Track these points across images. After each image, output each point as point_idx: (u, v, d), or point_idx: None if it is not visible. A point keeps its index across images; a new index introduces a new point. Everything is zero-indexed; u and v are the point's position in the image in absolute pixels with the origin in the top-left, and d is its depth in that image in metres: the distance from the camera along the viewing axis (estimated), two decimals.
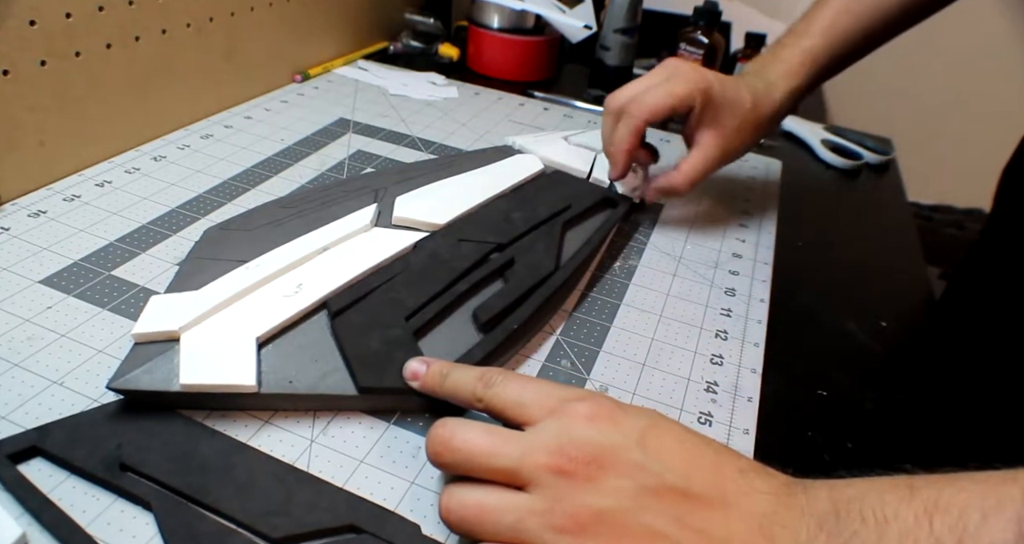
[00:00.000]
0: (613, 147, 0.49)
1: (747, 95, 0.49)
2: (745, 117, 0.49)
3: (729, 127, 0.49)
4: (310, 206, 0.46)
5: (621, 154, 0.49)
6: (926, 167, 1.05)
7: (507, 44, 0.80)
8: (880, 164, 0.72)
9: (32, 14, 0.45)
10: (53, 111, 0.48)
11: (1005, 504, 0.22)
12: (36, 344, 0.36)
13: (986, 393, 0.42)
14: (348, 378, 0.34)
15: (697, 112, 0.48)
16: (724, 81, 0.49)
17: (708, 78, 0.48)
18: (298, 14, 0.69)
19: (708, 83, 0.47)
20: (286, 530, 0.28)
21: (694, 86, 0.47)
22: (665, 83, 0.47)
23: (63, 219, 0.46)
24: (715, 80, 0.48)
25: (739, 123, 0.49)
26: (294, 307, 0.36)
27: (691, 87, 0.47)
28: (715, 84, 0.48)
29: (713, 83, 0.48)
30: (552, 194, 0.50)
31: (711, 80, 0.48)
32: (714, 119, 0.49)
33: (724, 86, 0.48)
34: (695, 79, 0.47)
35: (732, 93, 0.49)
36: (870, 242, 0.59)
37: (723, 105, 0.48)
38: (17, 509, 0.28)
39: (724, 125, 0.49)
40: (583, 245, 0.46)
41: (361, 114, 0.67)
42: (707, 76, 0.48)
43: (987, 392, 0.43)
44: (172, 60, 0.57)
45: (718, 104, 0.48)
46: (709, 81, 0.48)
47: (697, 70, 0.48)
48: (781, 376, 0.41)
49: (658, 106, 0.47)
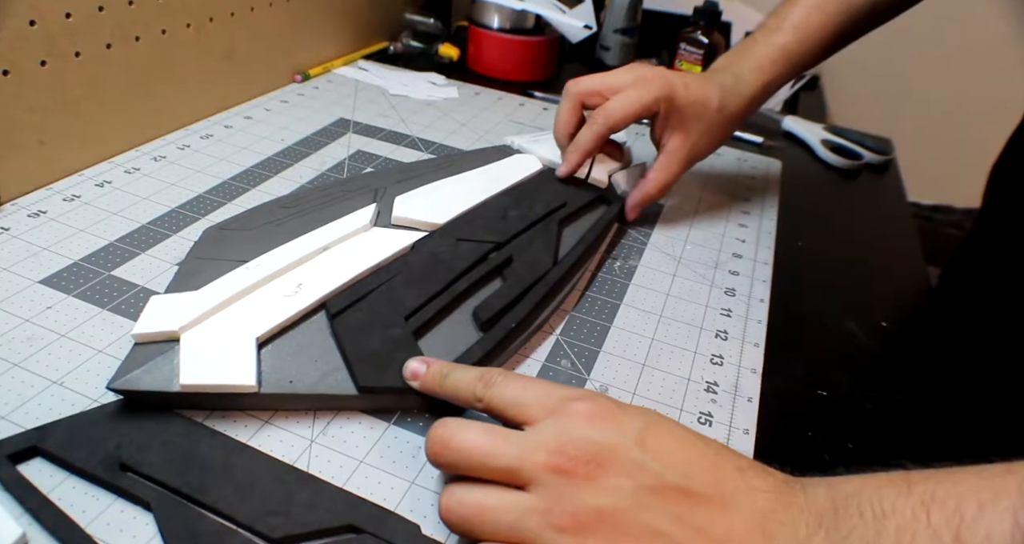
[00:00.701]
0: (573, 148, 0.50)
1: (714, 94, 0.50)
2: (712, 117, 0.50)
3: (695, 129, 0.50)
4: (309, 206, 0.46)
5: (578, 154, 0.50)
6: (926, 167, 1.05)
7: (507, 44, 0.80)
8: (880, 164, 0.72)
9: (32, 14, 0.45)
10: (53, 111, 0.48)
11: (1001, 495, 0.22)
12: (36, 344, 0.36)
13: (985, 392, 0.42)
14: (348, 378, 0.34)
15: (662, 117, 0.50)
16: (689, 83, 0.49)
17: (673, 82, 0.49)
18: (298, 14, 0.69)
19: (672, 88, 0.48)
20: (286, 530, 0.28)
21: (659, 92, 0.48)
22: (631, 89, 0.48)
23: (63, 219, 0.46)
24: (680, 83, 0.49)
25: (706, 124, 0.50)
26: (294, 307, 0.36)
27: (656, 94, 0.48)
28: (679, 88, 0.49)
29: (677, 87, 0.49)
30: (548, 192, 0.50)
31: (676, 84, 0.49)
32: (680, 122, 0.50)
33: (689, 88, 0.49)
34: (660, 85, 0.48)
35: (697, 94, 0.49)
36: (870, 242, 0.59)
37: (688, 108, 0.49)
38: (17, 509, 0.28)
39: (690, 128, 0.50)
40: (580, 242, 0.46)
41: (361, 114, 0.67)
42: (672, 80, 0.49)
43: (985, 391, 0.43)
44: (172, 60, 0.57)
45: (683, 107, 0.49)
46: (674, 86, 0.48)
47: (663, 75, 0.49)
48: (781, 376, 0.41)
49: (626, 114, 0.48)
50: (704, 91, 0.50)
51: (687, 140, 0.50)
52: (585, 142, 0.50)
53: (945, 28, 1.19)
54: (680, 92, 0.49)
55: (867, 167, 0.71)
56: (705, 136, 0.51)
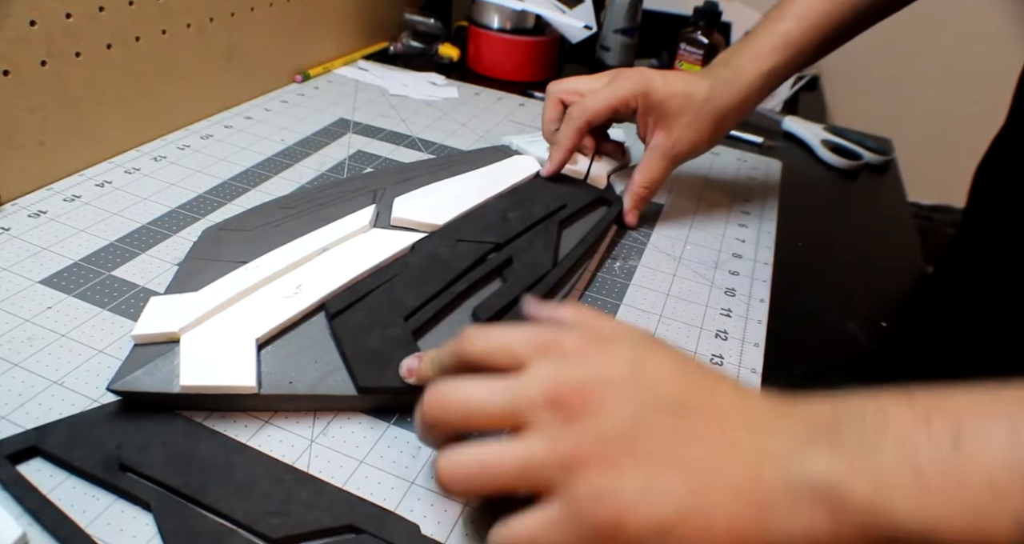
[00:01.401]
0: (555, 145, 0.51)
1: (701, 87, 0.49)
2: (698, 110, 0.49)
3: (678, 124, 0.50)
4: (308, 206, 0.46)
5: (560, 150, 0.51)
6: (926, 167, 1.05)
7: (507, 44, 0.80)
8: (880, 164, 0.72)
9: (32, 14, 0.45)
10: (53, 111, 0.48)
11: (1001, 407, 0.23)
12: (36, 344, 0.36)
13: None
14: (348, 378, 0.34)
15: (641, 112, 0.50)
16: (670, 78, 0.49)
17: (650, 77, 0.49)
18: (298, 14, 0.69)
19: (648, 83, 0.48)
20: (285, 530, 0.28)
21: (634, 87, 0.48)
22: (608, 86, 0.49)
23: (63, 219, 0.46)
24: (659, 79, 0.49)
25: (691, 117, 0.49)
26: (293, 308, 0.36)
27: (631, 89, 0.48)
28: (657, 83, 0.49)
29: (655, 82, 0.49)
30: (548, 193, 0.50)
31: (653, 80, 0.49)
32: (661, 118, 0.50)
33: (669, 83, 0.49)
34: (636, 81, 0.49)
35: (678, 87, 0.49)
36: (870, 242, 0.59)
37: (668, 102, 0.49)
38: (17, 509, 0.28)
39: (671, 122, 0.50)
40: (580, 242, 0.46)
41: (361, 114, 0.67)
42: (649, 77, 0.49)
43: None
44: (172, 60, 0.57)
45: (661, 102, 0.49)
46: (650, 81, 0.49)
47: (640, 72, 0.49)
48: (781, 376, 0.41)
49: (599, 108, 0.49)
50: (687, 85, 0.49)
51: (669, 135, 0.50)
52: (564, 138, 0.50)
53: (945, 28, 1.19)
54: (658, 86, 0.49)
55: (867, 167, 0.71)
56: (689, 130, 0.50)
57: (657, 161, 0.51)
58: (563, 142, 0.50)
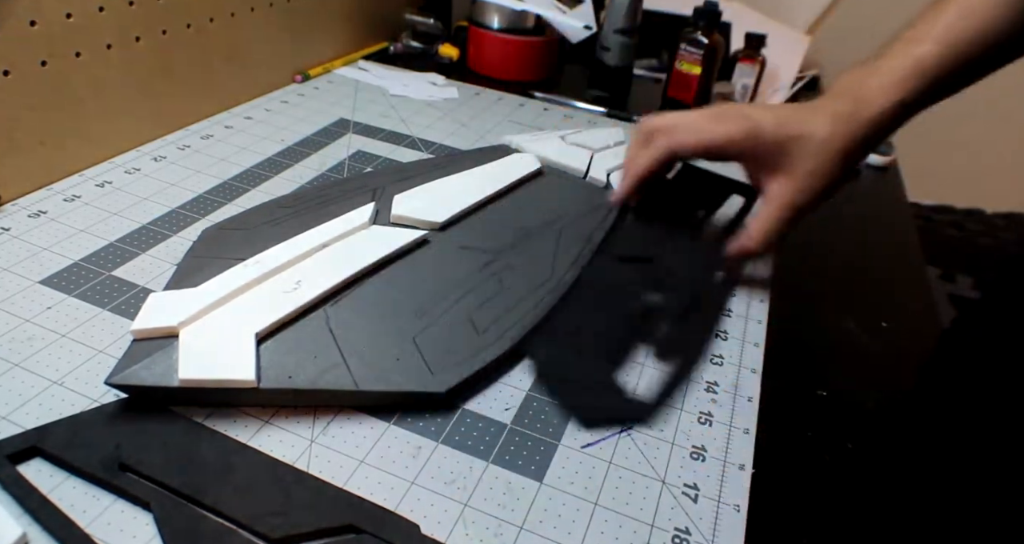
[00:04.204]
0: (627, 168, 0.47)
1: (821, 125, 0.42)
2: (820, 152, 0.42)
3: (799, 170, 0.42)
4: (308, 205, 0.47)
5: (632, 177, 0.47)
6: (926, 167, 1.05)
7: (507, 44, 0.80)
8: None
9: (32, 14, 0.45)
10: (53, 111, 0.48)
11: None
12: (36, 344, 0.36)
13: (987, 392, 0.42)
14: (347, 374, 0.34)
15: (749, 158, 0.44)
16: (783, 118, 0.42)
17: (757, 119, 0.43)
18: (298, 14, 0.69)
19: (755, 125, 0.42)
20: (285, 530, 0.28)
21: (735, 128, 0.42)
22: (707, 121, 0.44)
23: (63, 219, 0.46)
24: (769, 120, 0.42)
25: (813, 163, 0.42)
26: (293, 303, 0.36)
27: (731, 129, 0.43)
28: (767, 124, 0.42)
29: (763, 124, 0.42)
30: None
31: (761, 121, 0.42)
32: (777, 164, 0.43)
33: (782, 123, 0.42)
34: (739, 121, 0.43)
35: (795, 129, 0.42)
36: (870, 242, 0.59)
37: (783, 146, 0.42)
38: (17, 509, 0.28)
39: (791, 169, 0.42)
40: (579, 247, 0.46)
41: (361, 114, 0.67)
42: (756, 117, 0.43)
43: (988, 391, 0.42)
44: (172, 60, 0.57)
45: (774, 146, 0.42)
46: (757, 122, 0.42)
47: (743, 113, 0.43)
48: (781, 376, 0.41)
49: (688, 143, 0.44)
50: (803, 124, 0.42)
51: (791, 184, 0.43)
52: (638, 163, 0.46)
53: None
54: (768, 129, 0.42)
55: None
56: (811, 177, 0.42)
57: (780, 213, 0.43)
58: (637, 167, 0.45)
